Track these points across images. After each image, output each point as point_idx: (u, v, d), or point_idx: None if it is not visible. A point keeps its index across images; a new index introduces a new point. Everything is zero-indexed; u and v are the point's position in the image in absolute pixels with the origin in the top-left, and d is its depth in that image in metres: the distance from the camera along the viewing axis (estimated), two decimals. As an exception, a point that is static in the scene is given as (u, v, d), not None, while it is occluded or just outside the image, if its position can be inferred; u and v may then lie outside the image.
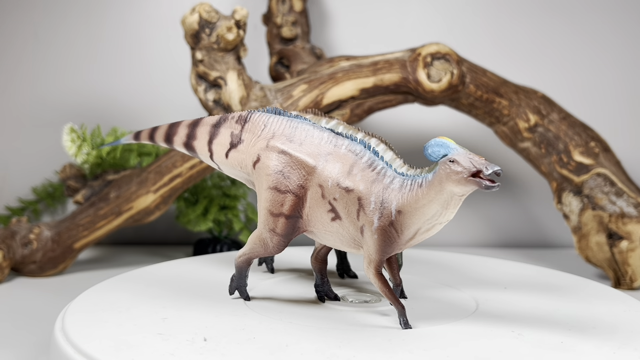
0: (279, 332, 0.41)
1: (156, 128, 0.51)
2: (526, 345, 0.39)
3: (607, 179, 0.68)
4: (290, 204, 0.43)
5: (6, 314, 0.56)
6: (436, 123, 0.86)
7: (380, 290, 0.42)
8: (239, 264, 0.47)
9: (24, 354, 0.47)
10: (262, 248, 0.45)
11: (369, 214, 0.41)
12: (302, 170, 0.43)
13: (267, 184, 0.44)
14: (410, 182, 0.40)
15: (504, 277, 0.56)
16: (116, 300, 0.47)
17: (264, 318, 0.44)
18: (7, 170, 0.86)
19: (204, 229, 0.76)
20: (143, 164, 0.75)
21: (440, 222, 0.40)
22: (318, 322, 0.43)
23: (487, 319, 0.44)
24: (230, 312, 0.45)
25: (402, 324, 0.42)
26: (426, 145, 0.39)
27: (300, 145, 0.44)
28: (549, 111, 0.71)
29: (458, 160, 0.38)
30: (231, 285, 0.48)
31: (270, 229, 0.44)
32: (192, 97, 0.76)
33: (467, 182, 0.38)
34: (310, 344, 0.39)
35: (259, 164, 0.45)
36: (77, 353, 0.38)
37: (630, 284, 0.66)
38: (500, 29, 0.89)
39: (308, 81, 0.68)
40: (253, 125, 0.46)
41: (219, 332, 0.41)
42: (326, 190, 0.42)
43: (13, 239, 0.68)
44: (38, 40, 0.86)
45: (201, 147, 0.48)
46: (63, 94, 0.86)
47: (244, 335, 0.40)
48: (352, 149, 0.43)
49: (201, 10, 0.64)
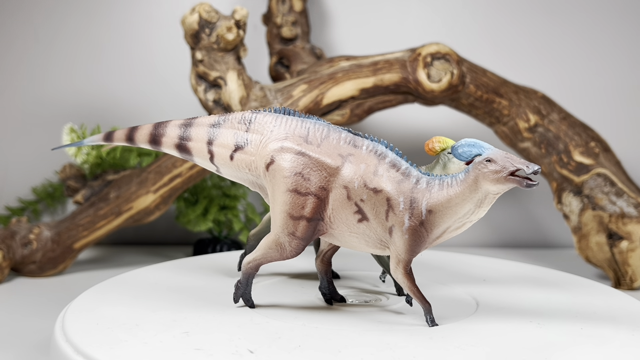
0: (315, 338, 0.40)
1: (135, 128, 0.48)
2: (526, 345, 0.39)
3: (607, 179, 0.68)
4: (312, 206, 0.42)
5: (6, 314, 0.56)
6: (436, 123, 0.86)
7: (409, 289, 0.42)
8: (248, 270, 0.45)
9: (24, 354, 0.47)
10: (278, 253, 0.43)
11: (398, 214, 0.41)
12: (323, 172, 0.42)
13: (285, 186, 0.42)
14: (439, 181, 0.41)
15: (504, 277, 0.56)
16: (116, 300, 0.47)
17: (276, 321, 0.43)
18: (7, 170, 0.86)
19: (204, 229, 0.76)
20: (143, 164, 0.75)
21: (470, 220, 0.41)
22: (350, 324, 0.43)
23: (487, 319, 0.44)
24: (234, 314, 0.45)
25: (429, 322, 0.43)
26: (456, 146, 0.40)
27: (318, 146, 0.43)
28: (549, 111, 0.71)
29: (495, 160, 0.39)
30: (236, 293, 0.46)
31: (290, 233, 0.42)
32: (192, 97, 0.76)
33: (507, 180, 0.39)
34: (361, 347, 0.38)
35: (273, 166, 0.43)
36: (77, 353, 0.38)
37: (630, 284, 0.66)
38: (500, 29, 0.89)
39: (308, 81, 0.68)
40: (259, 126, 0.44)
41: (228, 335, 0.41)
42: (352, 192, 0.41)
43: (13, 239, 0.67)
44: (38, 40, 0.86)
45: (198, 148, 0.46)
46: (63, 94, 0.86)
47: (272, 340, 0.40)
48: (373, 149, 0.42)
49: (201, 10, 0.64)
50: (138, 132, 0.47)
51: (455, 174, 0.41)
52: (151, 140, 0.47)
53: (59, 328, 0.41)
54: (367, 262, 0.59)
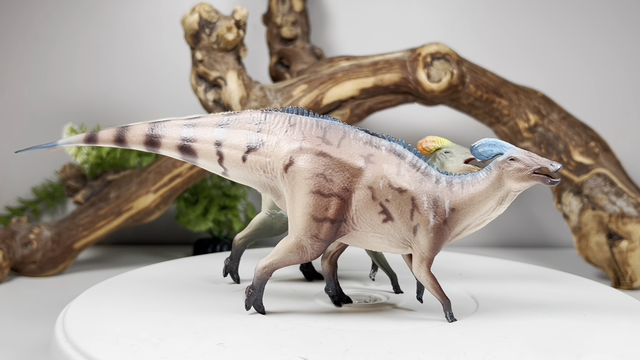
0: (355, 340, 0.40)
1: (126, 128, 0.45)
2: (526, 345, 0.39)
3: (607, 179, 0.68)
4: (335, 207, 0.41)
5: (6, 314, 0.56)
6: (436, 123, 0.86)
7: (432, 286, 0.43)
8: (263, 275, 0.43)
9: (24, 354, 0.47)
10: (298, 256, 0.42)
11: (423, 213, 0.41)
12: (345, 173, 0.41)
13: (307, 188, 0.41)
14: (459, 180, 0.42)
15: (504, 277, 0.56)
16: (116, 300, 0.47)
17: (301, 326, 0.42)
18: (7, 170, 0.86)
19: (204, 229, 0.76)
20: (143, 164, 0.75)
21: (490, 218, 0.42)
22: (375, 325, 0.43)
23: (488, 318, 0.44)
24: (250, 318, 0.44)
25: (448, 317, 0.43)
26: (475, 145, 0.42)
27: (337, 146, 0.42)
28: (549, 111, 0.71)
29: (519, 159, 0.40)
30: (249, 300, 0.44)
31: (313, 235, 0.41)
32: (192, 97, 0.76)
33: (531, 178, 0.40)
34: (409, 346, 0.38)
35: (292, 167, 0.42)
36: (77, 353, 0.38)
37: (630, 284, 0.66)
38: (500, 29, 0.89)
39: (308, 81, 0.68)
40: (273, 126, 0.43)
41: (229, 334, 0.41)
42: (377, 192, 0.41)
43: (13, 239, 0.67)
44: (38, 40, 0.86)
45: (205, 150, 0.44)
46: (63, 94, 0.86)
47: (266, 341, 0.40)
48: (392, 149, 0.42)
49: (201, 10, 0.64)
50: (130, 132, 0.44)
51: (475, 172, 0.42)
52: (147, 141, 0.44)
53: (59, 328, 0.41)
54: (350, 263, 0.59)
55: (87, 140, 0.45)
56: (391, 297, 0.49)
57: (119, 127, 0.45)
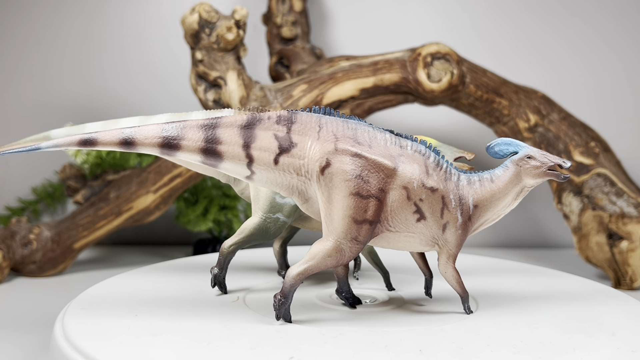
0: (389, 339, 0.40)
1: (134, 129, 0.41)
2: (526, 345, 0.39)
3: (607, 179, 0.68)
4: (374, 209, 0.41)
5: (6, 314, 0.56)
6: (436, 123, 0.86)
7: (456, 280, 0.44)
8: (296, 282, 0.42)
9: (24, 354, 0.47)
10: (336, 259, 0.41)
11: (452, 211, 0.43)
12: (380, 173, 0.41)
13: (347, 190, 0.40)
14: (478, 178, 0.44)
15: (504, 277, 0.56)
16: (116, 300, 0.47)
17: (325, 327, 0.42)
18: (7, 170, 0.86)
19: (204, 229, 0.76)
20: (143, 164, 0.75)
21: (504, 212, 0.45)
22: (398, 324, 0.43)
23: (487, 318, 0.44)
24: (238, 314, 0.45)
25: (466, 310, 0.45)
26: (491, 144, 0.44)
27: (369, 147, 0.42)
28: (549, 111, 0.71)
29: (535, 157, 0.43)
30: (280, 310, 0.42)
31: (352, 238, 0.41)
32: (192, 97, 0.76)
33: (546, 175, 0.43)
34: (434, 342, 0.39)
35: (329, 169, 0.40)
36: (77, 353, 0.38)
37: (630, 284, 0.66)
38: (500, 29, 0.89)
39: (308, 81, 0.68)
40: (303, 127, 0.41)
41: (235, 336, 0.41)
42: (412, 192, 0.42)
43: (13, 239, 0.67)
44: (38, 40, 0.86)
45: (232, 152, 0.41)
46: (63, 94, 0.86)
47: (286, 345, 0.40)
48: (417, 149, 0.43)
49: (201, 10, 0.64)
50: (140, 134, 0.40)
51: (491, 170, 0.44)
52: (164, 144, 0.40)
53: (59, 328, 0.41)
54: None
55: (83, 143, 0.40)
56: (391, 296, 0.49)
57: (124, 127, 0.41)
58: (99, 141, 0.40)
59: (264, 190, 0.48)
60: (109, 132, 0.40)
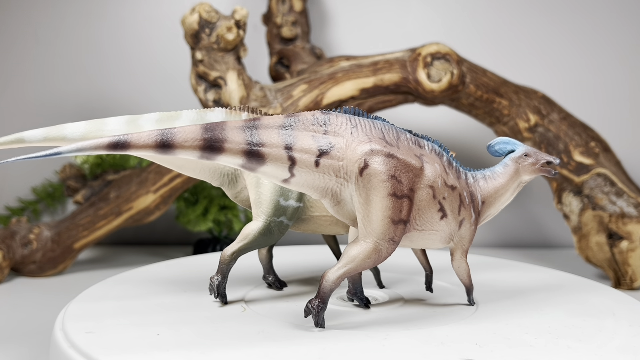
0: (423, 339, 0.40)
1: (170, 131, 0.37)
2: (526, 345, 0.39)
3: (607, 179, 0.68)
4: (407, 208, 0.41)
5: (6, 314, 0.56)
6: (436, 123, 0.86)
7: (467, 274, 0.47)
8: (335, 286, 0.41)
9: (24, 354, 0.47)
10: (373, 261, 0.41)
11: (467, 207, 0.44)
12: (409, 173, 0.41)
13: (384, 191, 0.40)
14: (481, 175, 0.46)
15: (504, 277, 0.56)
16: (116, 300, 0.47)
17: (356, 332, 0.42)
18: (7, 170, 0.86)
19: (204, 229, 0.76)
20: (143, 164, 0.75)
21: (502, 207, 0.47)
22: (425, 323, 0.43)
23: (487, 318, 0.44)
24: (238, 313, 0.45)
25: (471, 301, 0.47)
26: (491, 143, 0.47)
27: (398, 147, 0.42)
28: (549, 111, 0.71)
29: (531, 154, 0.46)
30: (318, 316, 0.42)
31: (390, 238, 0.41)
32: (192, 97, 0.76)
33: (540, 171, 0.46)
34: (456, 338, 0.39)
35: (367, 170, 0.40)
36: (77, 353, 0.38)
37: (630, 284, 0.66)
38: (500, 29, 0.89)
39: (308, 81, 0.68)
40: (337, 128, 0.41)
41: (231, 334, 0.41)
42: (437, 191, 0.43)
43: (13, 239, 0.67)
44: (38, 40, 0.86)
45: (275, 154, 0.39)
46: (63, 94, 0.86)
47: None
48: (433, 148, 0.44)
49: (201, 10, 0.64)
50: (179, 136, 0.37)
51: (491, 168, 0.47)
52: (205, 146, 0.38)
53: (59, 328, 0.41)
54: (312, 265, 0.59)
55: (113, 146, 0.36)
56: (391, 295, 0.49)
57: (158, 129, 0.37)
58: (132, 144, 0.36)
59: (267, 193, 0.48)
60: (142, 134, 0.37)
